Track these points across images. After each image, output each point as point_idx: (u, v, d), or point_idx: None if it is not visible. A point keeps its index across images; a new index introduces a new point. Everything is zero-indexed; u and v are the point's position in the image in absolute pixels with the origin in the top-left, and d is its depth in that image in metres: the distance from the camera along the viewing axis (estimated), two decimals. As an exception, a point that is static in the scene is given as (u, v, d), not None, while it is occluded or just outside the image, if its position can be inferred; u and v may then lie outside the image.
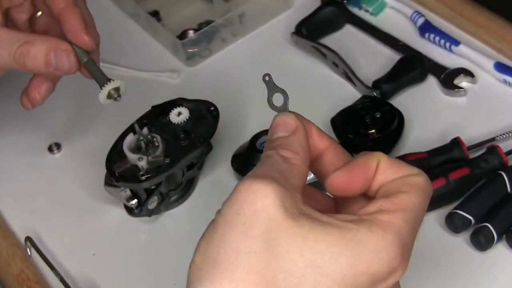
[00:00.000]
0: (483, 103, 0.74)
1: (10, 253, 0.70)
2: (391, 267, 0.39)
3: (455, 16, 0.81)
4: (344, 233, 0.38)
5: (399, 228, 0.39)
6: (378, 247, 0.38)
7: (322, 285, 0.37)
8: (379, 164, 0.43)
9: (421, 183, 0.42)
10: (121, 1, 0.92)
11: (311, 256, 0.38)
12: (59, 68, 0.58)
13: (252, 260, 0.37)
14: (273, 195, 0.38)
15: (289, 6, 0.88)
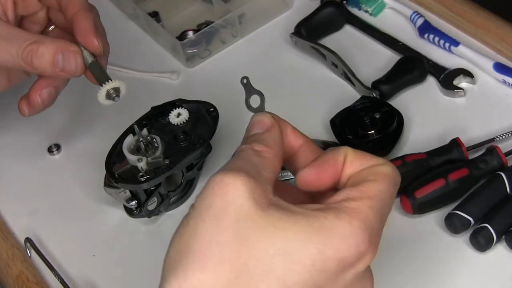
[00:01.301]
0: (483, 103, 0.74)
1: (10, 254, 0.70)
2: (359, 252, 0.40)
3: (454, 17, 0.81)
4: (312, 221, 0.40)
5: (366, 215, 0.41)
6: (346, 233, 0.40)
7: (292, 271, 0.39)
8: (346, 157, 0.45)
9: (387, 171, 0.44)
10: (120, 2, 0.92)
11: (280, 244, 0.39)
12: (65, 69, 0.59)
13: (223, 250, 0.39)
14: (243, 187, 0.40)
15: (288, 6, 0.88)
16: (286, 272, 0.39)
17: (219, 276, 0.38)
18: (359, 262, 0.41)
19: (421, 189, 0.64)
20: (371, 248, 0.41)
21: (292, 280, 0.39)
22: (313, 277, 0.39)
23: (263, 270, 0.39)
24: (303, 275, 0.39)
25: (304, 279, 0.39)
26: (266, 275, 0.39)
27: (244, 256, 0.39)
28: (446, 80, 0.75)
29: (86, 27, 0.60)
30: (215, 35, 0.85)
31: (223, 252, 0.39)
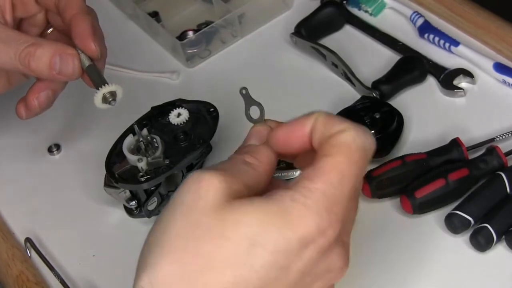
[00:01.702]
0: (483, 103, 0.74)
1: (10, 254, 0.70)
2: (319, 228, 0.42)
3: (454, 17, 0.81)
4: (271, 206, 0.42)
5: (322, 191, 0.42)
6: (301, 213, 0.41)
7: (257, 255, 0.41)
8: (316, 120, 0.46)
9: (345, 140, 0.44)
10: (120, 2, 0.92)
11: (243, 230, 0.41)
12: (62, 72, 0.59)
13: (188, 242, 0.41)
14: (218, 184, 0.42)
15: (288, 6, 0.88)
16: (251, 257, 0.41)
17: (185, 267, 0.40)
18: (320, 238, 0.42)
19: (421, 189, 0.64)
20: (332, 223, 0.42)
21: (258, 264, 0.41)
22: (277, 258, 0.41)
23: (228, 257, 0.40)
24: (268, 258, 0.41)
25: (269, 261, 0.41)
26: (232, 261, 0.40)
27: (210, 246, 0.40)
28: (446, 80, 0.75)
29: (84, 31, 0.60)
30: (215, 35, 0.85)
31: (188, 244, 0.41)
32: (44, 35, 0.67)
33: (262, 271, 0.41)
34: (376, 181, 0.66)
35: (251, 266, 0.41)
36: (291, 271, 0.42)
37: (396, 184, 0.66)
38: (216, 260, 0.40)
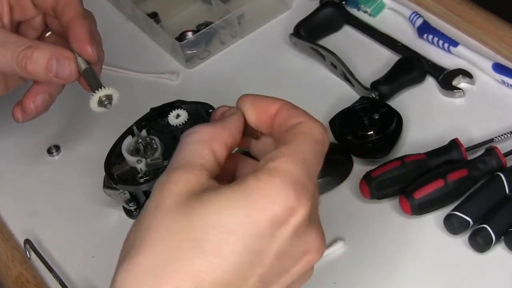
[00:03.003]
0: (482, 104, 0.74)
1: (9, 255, 0.70)
2: (288, 207, 0.41)
3: (453, 17, 0.81)
4: (235, 191, 0.41)
5: (287, 170, 0.42)
6: (267, 192, 0.41)
7: (226, 241, 0.40)
8: (280, 108, 0.47)
9: (308, 130, 0.45)
10: (120, 3, 0.92)
11: (211, 218, 0.41)
12: (59, 75, 0.59)
13: (156, 235, 0.41)
14: (179, 182, 0.43)
15: (287, 7, 0.88)
16: (220, 243, 0.40)
17: (153, 258, 0.41)
18: (291, 218, 0.41)
19: (420, 189, 0.64)
20: (301, 201, 0.42)
21: (228, 249, 0.40)
22: (247, 241, 0.41)
23: (197, 246, 0.40)
24: (237, 242, 0.41)
25: (239, 246, 0.41)
26: (201, 250, 0.40)
27: (179, 238, 0.41)
28: (445, 81, 0.75)
29: (81, 34, 0.60)
30: (214, 35, 0.85)
31: (156, 237, 0.41)
32: (42, 38, 0.67)
33: (233, 257, 0.41)
34: (375, 182, 0.66)
35: (220, 253, 0.40)
36: (266, 254, 0.42)
37: (395, 184, 0.66)
38: (184, 250, 0.41)
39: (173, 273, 0.40)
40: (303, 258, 0.44)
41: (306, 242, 0.44)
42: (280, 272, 0.43)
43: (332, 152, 0.70)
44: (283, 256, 0.42)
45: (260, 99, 0.48)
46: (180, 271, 0.40)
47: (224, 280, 0.41)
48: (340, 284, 0.63)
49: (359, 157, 0.71)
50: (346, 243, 0.65)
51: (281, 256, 0.42)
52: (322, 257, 0.63)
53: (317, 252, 0.44)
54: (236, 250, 0.41)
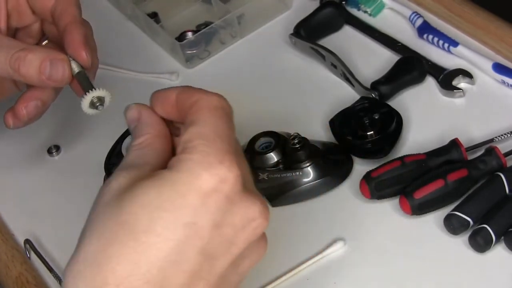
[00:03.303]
0: (482, 104, 0.74)
1: (9, 255, 0.70)
2: (214, 175, 0.42)
3: (453, 17, 0.81)
4: (160, 174, 0.43)
5: (202, 144, 0.43)
6: (190, 166, 0.42)
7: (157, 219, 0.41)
8: (178, 93, 0.48)
9: (206, 103, 0.46)
10: (120, 3, 0.92)
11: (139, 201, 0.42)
12: (52, 77, 0.59)
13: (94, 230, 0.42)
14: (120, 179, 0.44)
15: (287, 7, 0.88)
16: (151, 221, 0.41)
17: (90, 251, 0.42)
18: (221, 185, 0.42)
19: (420, 189, 0.64)
20: (227, 167, 0.42)
21: (159, 226, 0.41)
22: (179, 215, 0.41)
23: (128, 228, 0.41)
24: (168, 217, 0.41)
25: (170, 221, 0.41)
26: (132, 231, 0.41)
27: (109, 226, 0.42)
28: (445, 81, 0.75)
29: (76, 39, 0.60)
30: (214, 35, 0.85)
31: (92, 231, 0.42)
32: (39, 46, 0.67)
33: (166, 232, 0.41)
34: (375, 182, 0.66)
35: (152, 231, 0.41)
36: (202, 226, 0.41)
37: (395, 184, 0.66)
38: (118, 235, 0.41)
39: (108, 260, 0.41)
40: (248, 225, 0.43)
41: (246, 208, 0.43)
42: (223, 244, 0.43)
43: (332, 152, 0.71)
44: (222, 225, 0.42)
45: (160, 91, 0.49)
46: (115, 256, 0.41)
47: (161, 258, 0.41)
48: (340, 284, 0.63)
49: (359, 157, 0.71)
50: (346, 243, 0.65)
51: (219, 226, 0.42)
52: (322, 257, 0.64)
53: (261, 217, 0.44)
54: (168, 226, 0.41)
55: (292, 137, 0.68)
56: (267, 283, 0.63)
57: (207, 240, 0.42)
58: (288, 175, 0.67)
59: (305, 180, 0.68)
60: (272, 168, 0.68)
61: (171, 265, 0.41)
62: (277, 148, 0.68)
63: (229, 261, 0.43)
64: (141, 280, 0.40)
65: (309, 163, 0.67)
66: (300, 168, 0.67)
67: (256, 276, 0.64)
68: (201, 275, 0.42)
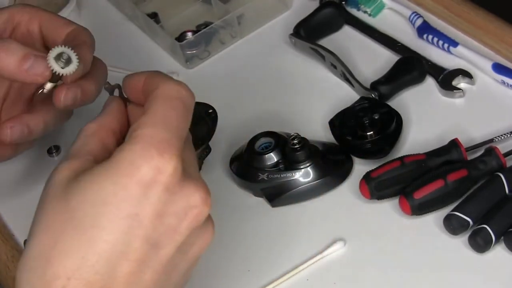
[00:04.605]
0: (482, 104, 0.74)
1: (9, 256, 0.70)
2: (154, 167, 0.43)
3: (453, 17, 0.81)
4: (104, 165, 0.44)
5: (146, 134, 0.44)
6: (131, 158, 0.43)
7: (101, 213, 0.43)
8: (145, 79, 0.49)
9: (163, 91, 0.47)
10: (119, 3, 0.92)
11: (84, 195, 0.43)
12: (32, 70, 0.58)
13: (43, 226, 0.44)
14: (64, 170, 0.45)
15: (287, 7, 0.88)
16: (96, 216, 0.43)
17: (39, 247, 0.43)
18: (160, 176, 0.43)
19: (420, 190, 0.64)
20: (166, 158, 0.43)
21: (104, 219, 0.43)
22: (121, 208, 0.43)
23: (76, 224, 0.43)
24: (112, 210, 0.43)
25: (114, 214, 0.43)
26: (80, 226, 0.43)
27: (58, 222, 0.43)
28: (445, 81, 0.75)
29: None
30: (214, 36, 0.85)
31: (40, 228, 0.44)
32: None
33: (110, 225, 0.42)
34: (375, 182, 0.66)
35: (97, 225, 0.42)
36: (144, 216, 0.43)
37: (395, 185, 0.66)
38: (65, 230, 0.43)
39: (58, 255, 0.42)
40: (190, 212, 0.45)
41: (186, 197, 0.45)
42: (166, 232, 0.44)
43: (332, 152, 0.71)
44: (163, 215, 0.44)
45: (130, 76, 0.50)
46: (64, 251, 0.42)
47: (108, 249, 0.43)
48: (340, 284, 0.63)
49: (359, 157, 0.71)
50: (346, 243, 0.65)
51: (161, 216, 0.44)
52: (322, 257, 0.64)
53: (202, 204, 0.45)
54: (112, 218, 0.42)
55: (292, 137, 0.68)
56: (267, 283, 0.63)
57: (151, 230, 0.43)
58: (288, 175, 0.67)
59: (305, 180, 0.68)
60: (272, 168, 0.68)
61: (118, 256, 0.43)
62: (277, 148, 0.68)
63: (175, 248, 0.45)
64: (90, 272, 0.42)
65: (309, 163, 0.67)
66: (300, 168, 0.67)
67: (256, 276, 0.64)
68: (147, 264, 0.44)
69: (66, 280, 0.42)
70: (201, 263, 0.66)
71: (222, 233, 0.68)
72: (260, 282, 0.64)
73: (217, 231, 0.68)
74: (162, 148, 0.44)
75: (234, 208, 0.70)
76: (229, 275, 0.65)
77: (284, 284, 0.63)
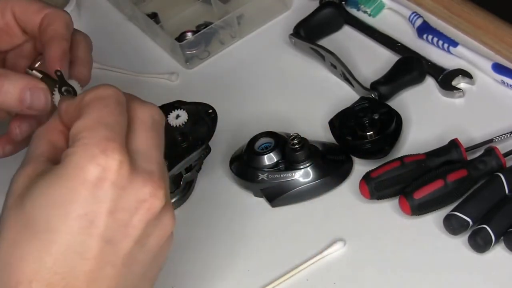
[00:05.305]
0: (481, 104, 0.74)
1: (9, 256, 0.70)
2: (98, 165, 0.44)
3: (453, 17, 0.81)
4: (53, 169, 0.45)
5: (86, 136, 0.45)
6: (76, 161, 0.44)
7: (53, 216, 0.44)
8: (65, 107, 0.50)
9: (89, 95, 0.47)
10: (119, 4, 0.92)
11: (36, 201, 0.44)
12: (33, 107, 0.58)
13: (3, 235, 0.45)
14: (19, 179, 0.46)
15: (287, 7, 0.88)
16: (48, 219, 0.44)
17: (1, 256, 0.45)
18: (106, 173, 0.44)
19: (419, 190, 0.64)
20: (110, 155, 0.44)
21: (56, 222, 0.43)
22: (72, 209, 0.44)
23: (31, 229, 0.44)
24: (62, 214, 0.43)
25: (65, 216, 0.43)
26: (34, 232, 0.44)
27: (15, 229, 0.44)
28: (445, 81, 0.75)
29: (53, 55, 0.59)
30: (214, 36, 0.85)
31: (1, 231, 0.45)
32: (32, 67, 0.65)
33: (64, 227, 0.43)
34: (374, 182, 0.66)
35: (51, 228, 0.43)
36: (96, 215, 0.44)
37: (395, 185, 0.66)
38: (22, 238, 0.44)
39: (18, 261, 0.44)
40: (140, 207, 0.45)
41: (136, 190, 0.45)
42: (120, 227, 0.45)
43: (331, 153, 0.71)
44: (115, 211, 0.44)
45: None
46: (23, 258, 0.44)
47: (64, 250, 0.43)
48: (340, 284, 0.63)
49: (358, 157, 0.71)
50: (346, 243, 0.65)
51: (112, 212, 0.44)
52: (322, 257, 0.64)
53: (152, 197, 0.45)
54: (64, 220, 0.43)
55: (292, 138, 0.68)
56: (267, 283, 0.63)
57: (103, 227, 0.44)
58: (288, 175, 0.67)
59: (304, 180, 0.68)
60: (272, 168, 0.68)
61: (75, 256, 0.44)
62: (277, 148, 0.68)
63: (131, 242, 0.45)
64: (49, 274, 0.43)
65: (309, 163, 0.67)
66: (300, 168, 0.67)
67: (256, 276, 0.64)
68: (106, 260, 0.45)
69: (28, 283, 0.43)
70: (201, 263, 0.66)
71: (222, 233, 0.68)
72: (260, 282, 0.64)
73: (217, 231, 0.68)
74: (103, 146, 0.44)
75: (234, 208, 0.70)
76: (229, 275, 0.65)
77: (284, 284, 0.63)
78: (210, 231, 0.68)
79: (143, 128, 0.48)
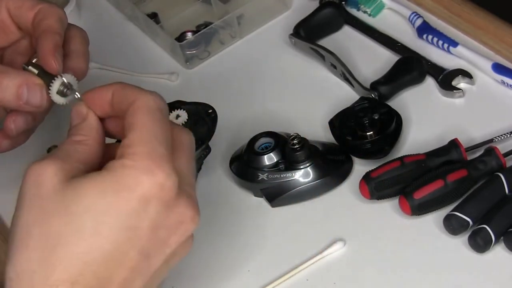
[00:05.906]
0: (481, 104, 0.74)
1: (9, 256, 0.70)
2: (156, 183, 0.45)
3: (453, 17, 0.81)
4: (105, 176, 0.45)
5: (145, 152, 0.45)
6: (134, 174, 0.45)
7: (102, 222, 0.44)
8: (114, 91, 0.50)
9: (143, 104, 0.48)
10: (119, 4, 0.92)
11: (84, 203, 0.44)
12: (30, 103, 0.58)
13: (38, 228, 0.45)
14: (50, 169, 0.46)
15: (287, 7, 0.88)
16: (97, 225, 0.44)
17: (40, 250, 0.44)
18: (160, 192, 0.45)
19: (419, 190, 0.64)
20: (168, 176, 0.45)
21: (105, 230, 0.44)
22: (122, 220, 0.44)
23: (76, 230, 0.44)
24: (113, 222, 0.44)
25: (115, 225, 0.44)
26: (80, 233, 0.44)
27: (56, 226, 0.44)
28: (445, 81, 0.75)
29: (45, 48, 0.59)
30: (214, 36, 0.85)
31: (37, 230, 0.45)
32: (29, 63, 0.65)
33: (112, 235, 0.44)
34: (374, 182, 0.66)
35: (99, 234, 0.44)
36: (141, 229, 0.45)
37: (395, 185, 0.66)
38: (66, 235, 0.44)
39: (60, 260, 0.44)
40: (179, 228, 0.47)
41: (178, 213, 0.47)
42: (158, 244, 0.46)
43: (331, 153, 0.71)
44: (158, 228, 0.46)
45: (94, 91, 0.51)
46: (66, 257, 0.44)
47: (107, 257, 0.45)
48: (340, 284, 0.63)
49: (358, 158, 0.71)
50: (346, 243, 0.65)
51: (156, 229, 0.46)
52: (322, 257, 0.64)
53: (191, 221, 0.48)
54: (113, 229, 0.44)
55: (292, 138, 0.68)
56: (267, 283, 0.63)
57: (145, 242, 0.46)
58: (288, 175, 0.68)
59: (304, 180, 0.68)
60: (272, 168, 0.68)
61: (116, 263, 0.45)
62: (277, 148, 0.68)
63: (163, 259, 0.47)
64: (92, 277, 0.44)
65: (309, 163, 0.68)
66: (300, 168, 0.68)
67: (256, 276, 0.64)
68: (139, 271, 0.46)
69: (70, 284, 0.44)
70: (201, 263, 0.66)
71: (222, 233, 0.68)
72: (260, 282, 0.64)
73: (217, 231, 0.68)
74: (162, 165, 0.45)
75: (234, 208, 0.70)
76: (229, 275, 0.65)
77: (284, 284, 0.63)
78: (210, 231, 0.68)
79: (186, 152, 0.49)
